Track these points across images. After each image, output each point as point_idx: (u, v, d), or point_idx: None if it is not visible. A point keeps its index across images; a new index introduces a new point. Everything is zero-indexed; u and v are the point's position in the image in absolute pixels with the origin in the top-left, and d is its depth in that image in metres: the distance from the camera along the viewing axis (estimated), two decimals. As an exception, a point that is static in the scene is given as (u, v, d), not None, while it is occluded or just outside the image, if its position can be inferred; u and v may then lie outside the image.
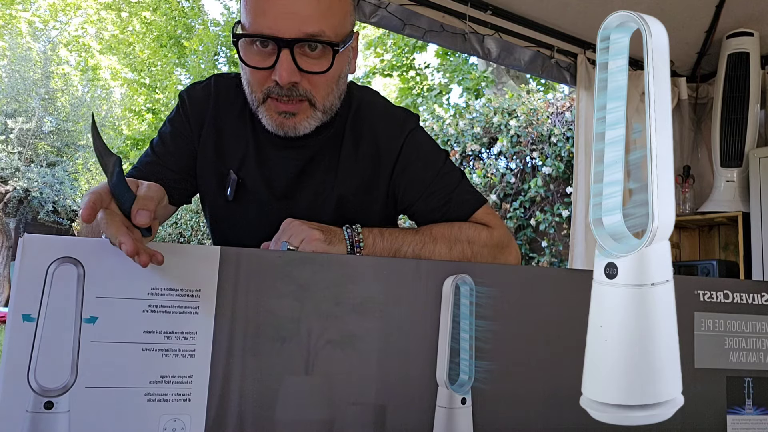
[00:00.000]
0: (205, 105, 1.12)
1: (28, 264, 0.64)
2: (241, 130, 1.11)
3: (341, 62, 0.99)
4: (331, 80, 0.98)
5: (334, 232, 0.96)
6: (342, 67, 1.01)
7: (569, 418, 0.74)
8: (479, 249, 1.04)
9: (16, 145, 11.04)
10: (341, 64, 1.00)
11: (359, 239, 0.97)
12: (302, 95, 0.96)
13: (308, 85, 0.96)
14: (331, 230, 0.97)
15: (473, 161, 5.49)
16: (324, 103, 0.99)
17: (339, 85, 1.02)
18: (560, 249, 4.87)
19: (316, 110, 0.99)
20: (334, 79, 0.99)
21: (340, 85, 1.02)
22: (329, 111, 1.02)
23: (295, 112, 0.98)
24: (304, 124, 0.99)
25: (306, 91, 0.96)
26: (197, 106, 1.12)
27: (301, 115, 0.98)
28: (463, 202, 1.10)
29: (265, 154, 1.10)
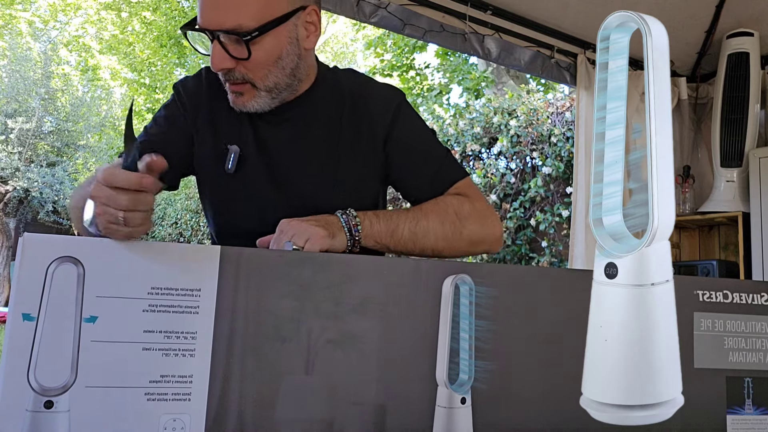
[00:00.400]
0: (199, 93, 1.18)
1: (28, 263, 0.64)
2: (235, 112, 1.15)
3: (276, 42, 1.04)
4: (266, 62, 1.04)
5: (332, 224, 0.98)
6: (280, 45, 1.04)
7: (569, 418, 0.74)
8: (465, 219, 1.08)
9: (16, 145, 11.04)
10: (276, 43, 1.04)
11: (356, 223, 0.99)
12: (241, 79, 1.04)
13: (244, 69, 1.03)
14: (329, 222, 0.98)
15: (473, 161, 5.49)
16: (265, 84, 1.06)
17: (280, 64, 1.06)
18: (560, 249, 4.87)
19: (259, 90, 1.06)
20: (270, 60, 1.04)
21: (282, 63, 1.06)
22: (276, 89, 1.08)
23: (242, 92, 1.06)
24: (252, 103, 1.07)
25: (242, 74, 1.04)
26: (191, 94, 1.18)
27: (246, 95, 1.06)
28: (449, 172, 1.15)
29: (259, 129, 1.15)
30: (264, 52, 1.03)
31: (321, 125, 1.15)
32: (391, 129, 1.15)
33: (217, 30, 1.00)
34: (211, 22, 1.00)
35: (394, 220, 1.04)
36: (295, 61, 1.09)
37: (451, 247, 1.08)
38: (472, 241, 1.10)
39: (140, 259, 0.67)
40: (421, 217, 1.06)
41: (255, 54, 1.02)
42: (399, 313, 0.72)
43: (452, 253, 1.09)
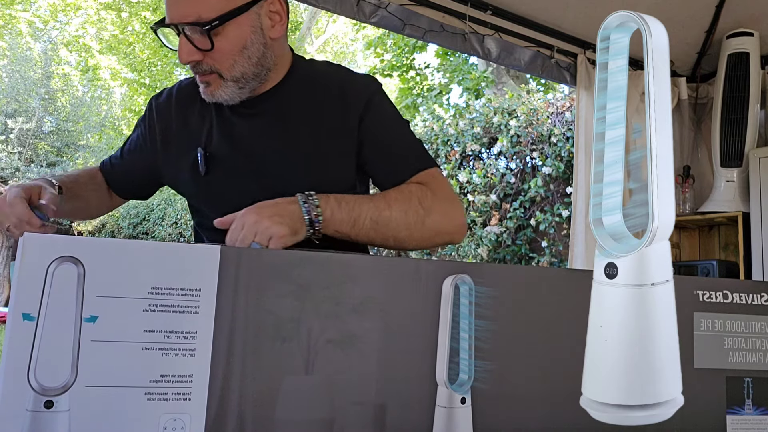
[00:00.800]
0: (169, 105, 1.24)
1: (28, 263, 0.64)
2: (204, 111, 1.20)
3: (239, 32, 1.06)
4: (231, 52, 1.07)
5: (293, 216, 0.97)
6: (243, 35, 1.07)
7: (569, 418, 0.75)
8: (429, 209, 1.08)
9: (16, 145, 11.04)
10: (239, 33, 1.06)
11: (317, 214, 0.99)
12: (207, 70, 1.08)
13: (210, 60, 1.07)
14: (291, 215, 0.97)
15: (473, 161, 5.50)
16: (232, 74, 1.08)
17: (246, 53, 1.08)
18: (560, 249, 4.87)
19: (226, 81, 1.09)
20: (235, 49, 1.07)
21: (247, 52, 1.08)
22: (243, 79, 1.10)
23: (209, 82, 1.10)
24: (219, 92, 1.10)
25: (210, 65, 1.07)
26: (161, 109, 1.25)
27: (213, 85, 1.10)
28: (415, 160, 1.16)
29: (227, 125, 1.17)
30: (227, 42, 1.05)
31: (295, 116, 1.16)
32: (364, 116, 1.15)
33: (180, 23, 1.03)
34: (175, 16, 1.04)
35: (356, 209, 1.03)
36: (261, 51, 1.10)
37: (413, 236, 1.07)
38: (435, 231, 1.09)
39: (140, 259, 0.67)
40: (384, 207, 1.05)
41: (218, 44, 1.05)
42: (399, 313, 0.72)
43: (414, 243, 1.08)
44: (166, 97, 1.26)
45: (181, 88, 1.26)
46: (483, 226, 5.29)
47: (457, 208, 1.13)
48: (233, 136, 1.17)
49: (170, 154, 1.22)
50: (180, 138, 1.21)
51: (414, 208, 1.06)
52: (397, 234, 1.05)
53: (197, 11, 1.02)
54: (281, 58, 1.17)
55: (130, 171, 1.29)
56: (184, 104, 1.23)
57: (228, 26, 1.04)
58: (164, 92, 1.28)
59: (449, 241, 1.13)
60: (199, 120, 1.20)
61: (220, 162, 1.16)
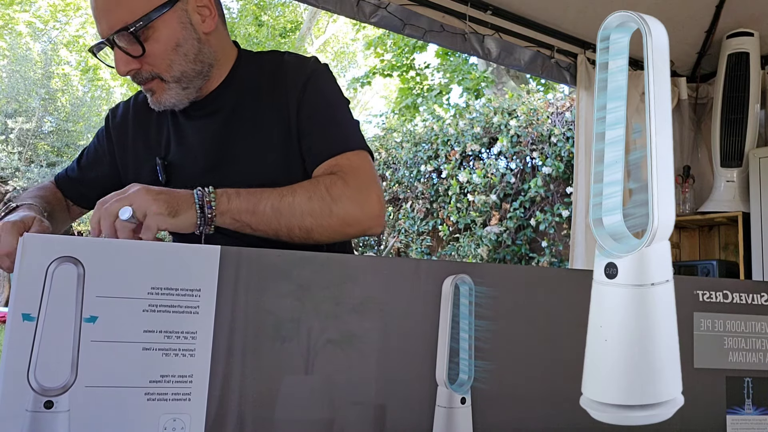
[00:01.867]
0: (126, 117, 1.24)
1: (28, 263, 0.64)
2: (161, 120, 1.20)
3: (169, 30, 1.05)
4: (165, 53, 1.05)
5: (179, 199, 0.93)
6: (173, 33, 1.06)
7: (569, 418, 0.74)
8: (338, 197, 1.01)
9: (16, 145, 11.04)
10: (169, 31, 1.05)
11: (210, 200, 0.94)
12: (148, 77, 1.07)
13: (148, 66, 1.06)
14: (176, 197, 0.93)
15: (473, 161, 5.50)
16: (172, 74, 1.07)
17: (181, 51, 1.07)
18: (560, 249, 4.87)
19: (168, 83, 1.08)
20: (168, 49, 1.05)
21: (182, 50, 1.07)
22: (185, 78, 1.09)
23: (153, 89, 1.09)
24: (165, 97, 1.09)
25: (149, 72, 1.06)
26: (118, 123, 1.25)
27: (158, 91, 1.08)
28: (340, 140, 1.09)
29: (182, 131, 1.17)
30: (159, 43, 1.04)
31: (242, 111, 1.14)
32: (300, 98, 1.11)
33: (110, 34, 1.03)
34: (104, 29, 1.03)
35: (256, 196, 0.98)
36: (196, 47, 1.09)
37: (321, 225, 1.00)
38: (345, 221, 1.02)
39: (140, 259, 0.67)
40: (287, 193, 0.99)
41: (150, 47, 1.04)
42: (399, 313, 0.72)
43: (324, 233, 1.02)
44: (123, 109, 1.26)
45: (137, 100, 1.26)
46: (483, 226, 5.29)
47: (371, 196, 1.05)
48: (188, 141, 1.16)
49: (128, 166, 1.22)
50: (137, 149, 1.21)
51: (319, 195, 1.00)
52: (302, 222, 0.99)
53: (121, 18, 1.01)
54: (222, 54, 1.15)
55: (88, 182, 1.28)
56: (141, 115, 1.23)
57: (155, 27, 1.03)
58: (121, 105, 1.28)
59: (363, 232, 1.06)
60: (157, 130, 1.20)
61: (179, 169, 1.16)
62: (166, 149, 1.18)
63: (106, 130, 1.27)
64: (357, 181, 1.04)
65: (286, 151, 1.12)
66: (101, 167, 1.27)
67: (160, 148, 1.18)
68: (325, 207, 1.00)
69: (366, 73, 9.94)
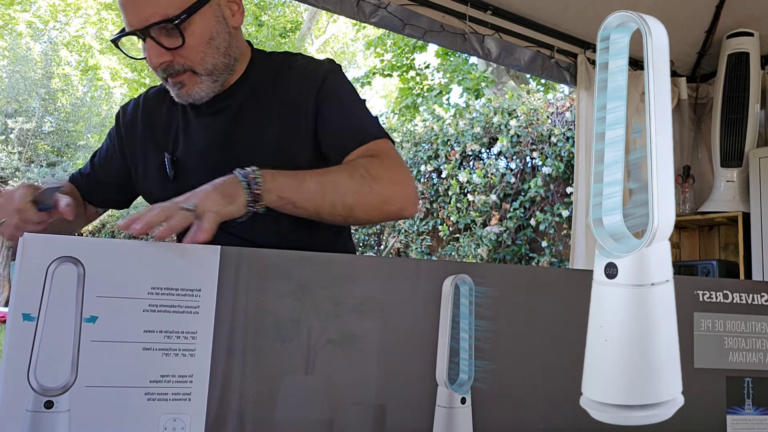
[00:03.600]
0: (135, 115, 1.23)
1: (28, 263, 0.64)
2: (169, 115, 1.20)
3: (204, 23, 1.06)
4: (200, 45, 1.06)
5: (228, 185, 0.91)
6: (209, 26, 1.07)
7: (569, 418, 0.74)
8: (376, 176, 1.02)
9: (16, 145, 11.05)
10: (205, 24, 1.06)
11: (256, 176, 0.93)
12: (180, 69, 1.06)
13: (182, 58, 1.05)
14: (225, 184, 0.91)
15: (473, 161, 5.50)
16: (205, 67, 1.08)
17: (214, 44, 1.08)
18: (560, 249, 4.87)
19: (200, 76, 1.08)
20: (203, 42, 1.06)
21: (215, 43, 1.08)
22: (216, 71, 1.10)
23: (183, 82, 1.08)
24: (195, 90, 1.09)
25: (181, 64, 1.06)
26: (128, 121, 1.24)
27: (188, 83, 1.08)
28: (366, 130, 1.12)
29: (192, 127, 1.17)
30: (196, 36, 1.05)
31: (255, 109, 1.15)
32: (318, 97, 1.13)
33: (146, 26, 1.02)
34: (137, 20, 1.02)
35: (299, 174, 0.98)
36: (227, 40, 1.11)
37: (362, 203, 1.01)
38: (385, 199, 1.03)
39: (140, 259, 0.67)
40: (328, 172, 1.01)
41: (188, 40, 1.04)
42: (399, 313, 0.72)
43: (365, 210, 1.02)
44: (133, 106, 1.26)
45: (147, 97, 1.26)
46: (483, 226, 5.29)
47: (407, 179, 1.08)
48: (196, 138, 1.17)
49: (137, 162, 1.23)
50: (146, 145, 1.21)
51: (360, 174, 1.01)
52: (345, 199, 0.99)
53: (161, 10, 1.01)
54: (243, 50, 1.17)
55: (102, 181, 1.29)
56: (151, 112, 1.23)
57: (194, 19, 1.04)
58: (131, 102, 1.28)
59: (400, 212, 1.07)
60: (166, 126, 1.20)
61: (188, 164, 1.16)
62: (174, 145, 1.18)
63: (116, 128, 1.27)
64: (392, 163, 1.07)
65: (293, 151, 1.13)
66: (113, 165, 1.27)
67: (168, 144, 1.18)
68: (366, 185, 1.01)
69: (366, 73, 9.94)
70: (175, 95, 1.11)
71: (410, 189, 1.07)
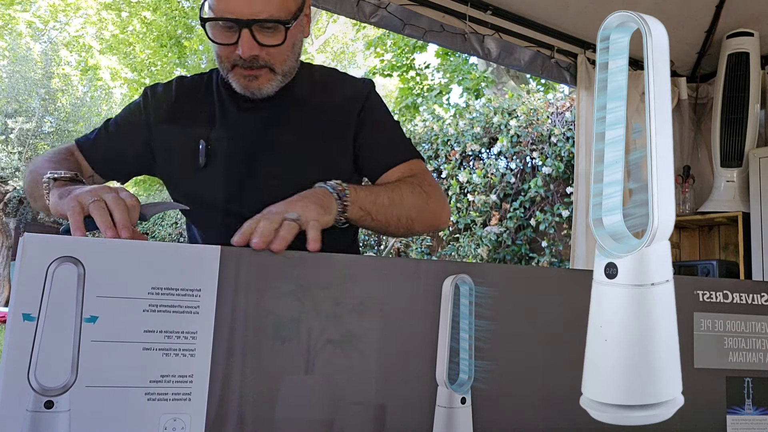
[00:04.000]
0: (167, 99, 1.25)
1: (28, 263, 0.64)
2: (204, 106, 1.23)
3: (295, 32, 1.13)
4: (287, 48, 1.13)
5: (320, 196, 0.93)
6: (296, 35, 1.15)
7: (569, 418, 0.74)
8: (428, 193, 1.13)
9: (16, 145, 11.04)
10: (295, 33, 1.14)
11: (342, 188, 0.99)
12: (262, 64, 1.11)
13: (267, 56, 1.11)
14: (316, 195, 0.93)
15: (473, 161, 5.50)
16: (283, 68, 1.14)
17: (294, 51, 1.16)
18: (560, 249, 4.87)
19: (276, 74, 1.14)
20: (289, 47, 1.13)
21: (295, 50, 1.16)
22: (288, 74, 1.17)
23: (258, 76, 1.13)
24: (267, 86, 1.14)
25: (266, 61, 1.11)
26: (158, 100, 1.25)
27: (263, 78, 1.13)
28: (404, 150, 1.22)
29: (231, 120, 1.21)
30: (288, 40, 1.11)
31: (298, 115, 1.21)
32: (361, 114, 1.22)
33: (252, 19, 1.06)
34: (245, 11, 1.06)
35: (373, 189, 1.07)
36: (300, 47, 1.19)
37: (421, 217, 1.11)
38: (436, 214, 1.15)
39: (140, 259, 0.67)
40: (394, 188, 1.10)
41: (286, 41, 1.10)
42: (399, 313, 0.72)
43: (421, 225, 1.13)
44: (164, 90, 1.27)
45: (182, 84, 1.28)
46: (483, 226, 5.29)
47: (445, 197, 1.20)
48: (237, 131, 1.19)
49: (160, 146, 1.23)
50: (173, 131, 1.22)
51: (418, 191, 1.12)
52: (409, 213, 1.09)
53: (270, 10, 1.07)
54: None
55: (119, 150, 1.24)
56: (184, 98, 1.25)
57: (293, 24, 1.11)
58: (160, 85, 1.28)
59: (442, 226, 1.20)
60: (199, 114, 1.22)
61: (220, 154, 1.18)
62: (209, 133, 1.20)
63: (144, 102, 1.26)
64: (432, 181, 1.19)
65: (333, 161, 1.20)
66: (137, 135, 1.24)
67: (203, 132, 1.20)
68: (423, 201, 1.12)
69: (366, 73, 9.95)
70: (240, 85, 1.14)
71: (447, 206, 1.21)
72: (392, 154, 1.21)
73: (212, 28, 1.11)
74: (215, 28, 1.10)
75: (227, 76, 1.15)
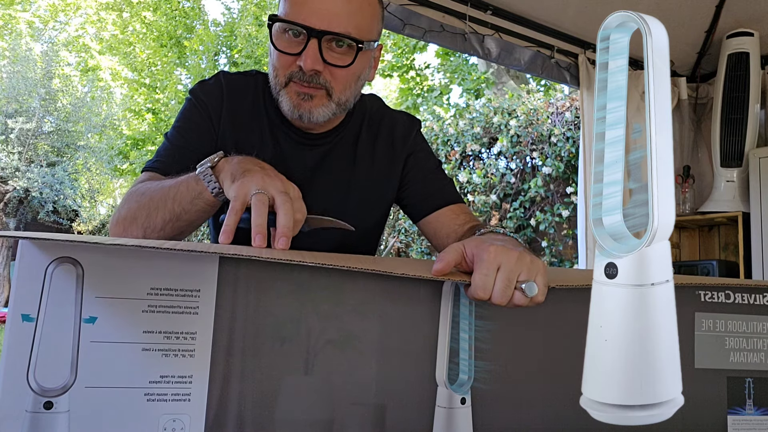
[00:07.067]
0: (219, 98, 1.16)
1: (27, 264, 0.64)
2: (255, 122, 1.16)
3: (363, 62, 1.08)
4: (350, 76, 1.06)
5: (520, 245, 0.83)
6: (363, 67, 1.09)
7: (569, 418, 0.74)
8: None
9: (16, 145, 11.04)
10: (362, 64, 1.08)
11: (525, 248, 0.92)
12: (322, 84, 1.04)
13: (329, 76, 1.04)
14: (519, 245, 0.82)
15: (473, 161, 5.50)
16: (340, 96, 1.07)
17: (357, 84, 1.10)
18: (560, 249, 4.87)
19: (331, 101, 1.06)
20: (353, 76, 1.07)
21: (358, 84, 1.10)
22: (343, 105, 1.09)
23: (313, 95, 1.04)
24: (319, 110, 1.06)
25: (326, 81, 1.04)
26: (212, 98, 1.15)
27: (317, 100, 1.05)
28: (452, 192, 1.24)
29: (281, 148, 1.15)
30: (354, 67, 1.05)
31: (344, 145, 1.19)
32: (409, 156, 1.24)
33: (324, 31, 1.00)
34: (321, 22, 1.00)
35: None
36: (361, 87, 1.13)
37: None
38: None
39: (140, 259, 0.67)
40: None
41: (351, 66, 1.04)
42: (399, 313, 0.72)
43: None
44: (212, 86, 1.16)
45: (231, 79, 1.17)
46: (483, 226, 5.29)
47: None
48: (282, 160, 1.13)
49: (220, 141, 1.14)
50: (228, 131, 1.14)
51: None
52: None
53: (347, 26, 1.01)
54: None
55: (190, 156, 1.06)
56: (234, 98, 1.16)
57: (362, 52, 1.05)
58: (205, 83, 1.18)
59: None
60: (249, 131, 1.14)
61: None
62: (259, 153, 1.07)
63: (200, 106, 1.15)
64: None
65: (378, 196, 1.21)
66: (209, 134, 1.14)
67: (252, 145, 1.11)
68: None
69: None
70: (291, 104, 1.06)
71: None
72: (440, 196, 1.22)
73: (278, 33, 1.03)
74: (281, 33, 1.03)
75: (278, 95, 1.07)
